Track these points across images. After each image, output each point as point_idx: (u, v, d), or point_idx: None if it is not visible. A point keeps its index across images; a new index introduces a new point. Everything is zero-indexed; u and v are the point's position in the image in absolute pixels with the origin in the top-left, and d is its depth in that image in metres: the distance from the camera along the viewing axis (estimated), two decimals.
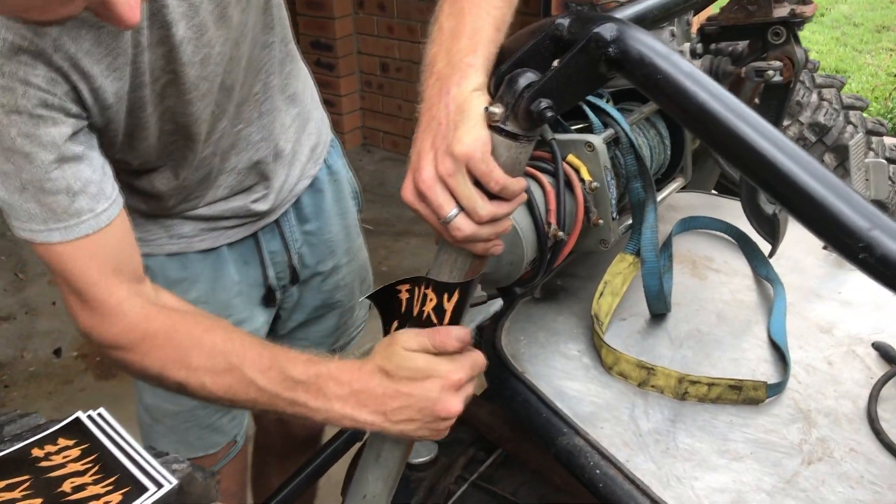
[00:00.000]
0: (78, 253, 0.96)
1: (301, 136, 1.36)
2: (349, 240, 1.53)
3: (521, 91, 0.75)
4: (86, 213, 0.96)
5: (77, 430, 0.86)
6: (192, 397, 1.01)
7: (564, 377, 1.11)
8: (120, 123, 1.03)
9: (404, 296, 0.90)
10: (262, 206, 1.32)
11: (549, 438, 1.03)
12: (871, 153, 2.24)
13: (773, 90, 1.17)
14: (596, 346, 1.15)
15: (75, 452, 0.83)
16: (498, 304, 1.40)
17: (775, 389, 1.10)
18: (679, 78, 0.71)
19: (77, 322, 1.00)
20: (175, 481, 0.78)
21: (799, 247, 1.45)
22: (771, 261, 1.38)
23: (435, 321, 0.89)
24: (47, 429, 0.88)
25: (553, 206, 1.06)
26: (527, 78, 0.76)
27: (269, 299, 1.42)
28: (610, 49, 0.73)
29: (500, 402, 1.09)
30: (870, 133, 2.29)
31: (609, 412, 1.06)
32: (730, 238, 1.47)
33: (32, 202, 0.94)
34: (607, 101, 1.21)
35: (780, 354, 1.18)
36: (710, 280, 1.36)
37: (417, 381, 0.90)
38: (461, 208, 0.79)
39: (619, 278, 1.22)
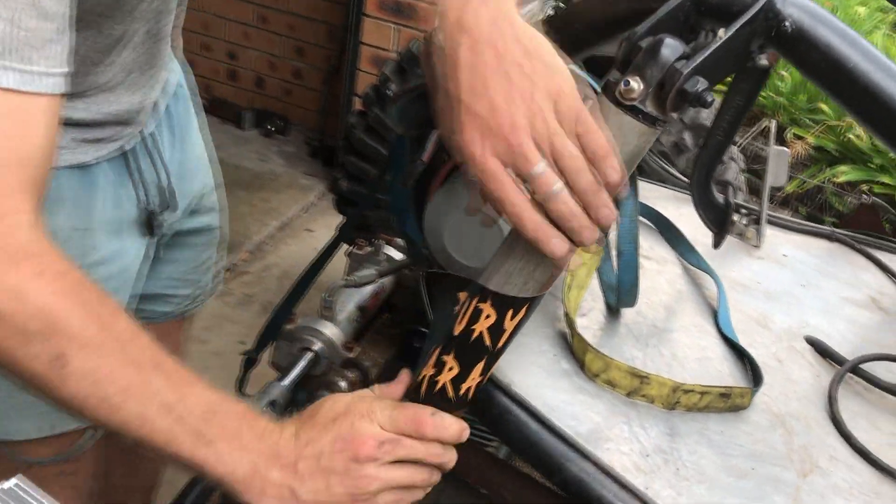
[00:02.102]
0: (30, 109, 0.68)
1: (179, 40, 1.18)
2: (214, 162, 1.35)
3: (670, 65, 0.59)
4: (56, 68, 0.69)
5: None
6: (43, 382, 0.69)
7: (550, 388, 0.97)
8: None
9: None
10: (146, 104, 1.11)
11: (555, 465, 0.89)
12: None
13: (753, 73, 1.09)
14: (576, 350, 1.02)
15: None
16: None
17: (753, 395, 1.04)
18: (871, 71, 0.58)
19: None
20: None
21: (705, 231, 1.41)
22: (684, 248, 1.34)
23: (488, 343, 0.71)
24: None
25: None
26: (673, 48, 0.60)
27: (148, 226, 1.17)
28: (786, 24, 0.58)
29: (487, 422, 0.93)
30: None
31: (608, 429, 0.94)
32: (647, 222, 1.40)
33: (5, 20, 0.64)
34: (582, 70, 1.07)
35: (736, 352, 1.13)
36: (645, 268, 1.28)
37: (336, 418, 0.74)
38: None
39: (584, 270, 1.10)
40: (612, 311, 1.14)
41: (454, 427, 0.74)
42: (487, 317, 0.70)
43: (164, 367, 0.71)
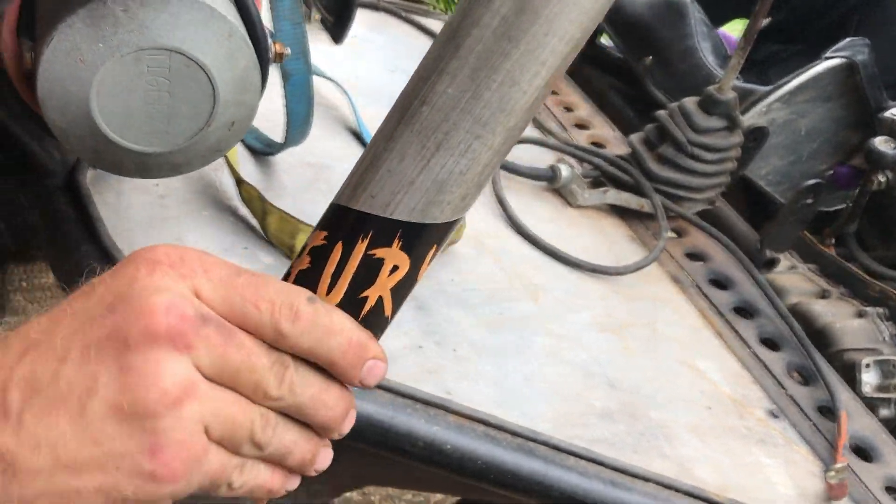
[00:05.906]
0: None
1: None
2: None
3: None
4: None
5: None
6: None
7: None
8: None
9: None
10: None
11: None
12: None
13: None
14: (264, 219, 0.71)
15: None
16: None
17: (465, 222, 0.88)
18: None
19: None
20: None
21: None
22: None
23: (388, 314, 0.39)
24: None
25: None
26: None
27: None
28: None
29: None
30: None
31: None
32: None
33: None
34: None
35: None
36: None
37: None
38: None
39: None
40: (259, 155, 0.83)
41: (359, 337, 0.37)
42: (394, 269, 0.37)
43: None
